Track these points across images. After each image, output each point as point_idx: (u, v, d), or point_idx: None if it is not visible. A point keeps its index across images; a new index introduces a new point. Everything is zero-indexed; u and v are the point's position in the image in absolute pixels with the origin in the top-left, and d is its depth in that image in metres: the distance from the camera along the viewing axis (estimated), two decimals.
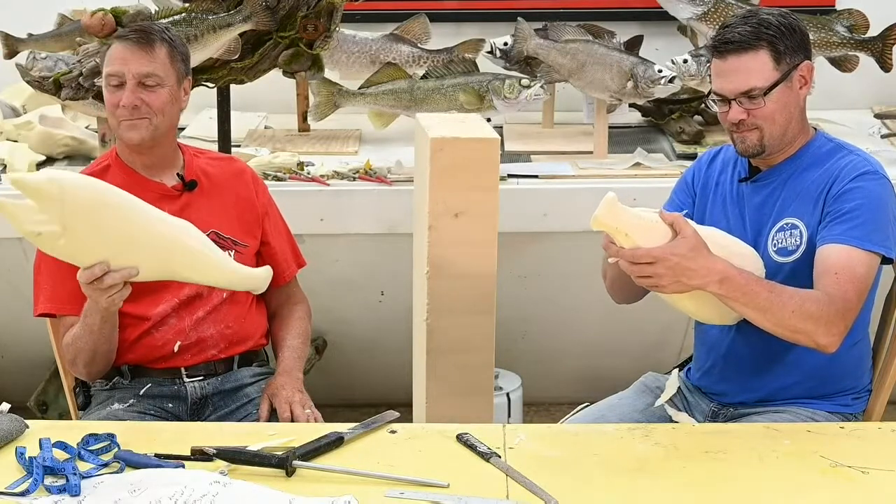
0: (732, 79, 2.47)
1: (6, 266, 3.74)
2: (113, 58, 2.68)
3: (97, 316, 2.53)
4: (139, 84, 2.65)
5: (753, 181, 2.58)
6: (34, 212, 2.27)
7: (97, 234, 2.33)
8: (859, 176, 2.45)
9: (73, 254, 2.36)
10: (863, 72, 4.05)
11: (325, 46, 3.82)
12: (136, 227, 2.36)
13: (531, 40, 3.99)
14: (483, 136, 2.68)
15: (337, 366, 4.07)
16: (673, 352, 3.67)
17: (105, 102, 2.72)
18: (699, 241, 2.29)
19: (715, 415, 2.63)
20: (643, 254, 2.27)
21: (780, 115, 2.48)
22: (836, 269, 2.39)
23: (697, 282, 2.29)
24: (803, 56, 2.50)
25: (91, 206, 2.31)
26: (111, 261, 2.35)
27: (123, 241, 2.36)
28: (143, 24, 2.78)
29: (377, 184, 3.70)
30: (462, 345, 2.72)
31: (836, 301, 2.36)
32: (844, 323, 2.37)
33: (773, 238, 2.52)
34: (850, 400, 2.58)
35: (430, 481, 2.05)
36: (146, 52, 2.66)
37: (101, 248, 2.35)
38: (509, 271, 3.21)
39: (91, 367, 2.66)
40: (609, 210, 2.28)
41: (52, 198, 2.27)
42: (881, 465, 2.12)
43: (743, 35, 2.45)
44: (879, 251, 2.42)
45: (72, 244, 2.31)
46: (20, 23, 4.23)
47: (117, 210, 2.35)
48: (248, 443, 2.18)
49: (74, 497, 2.01)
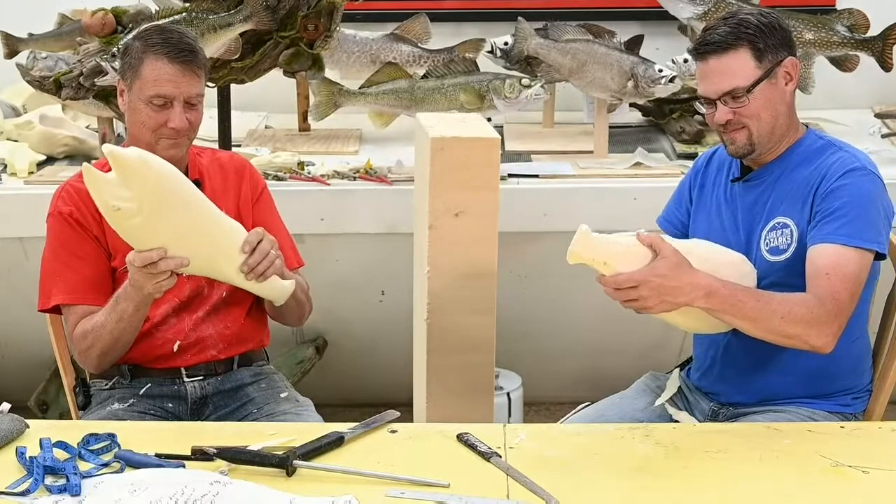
0: (715, 80, 2.48)
1: (6, 266, 3.74)
2: (162, 79, 2.61)
3: (131, 303, 2.54)
4: (185, 104, 2.63)
5: (745, 181, 2.59)
6: (116, 186, 2.33)
7: (167, 220, 2.38)
8: (847, 173, 2.45)
9: (139, 235, 2.39)
10: (863, 71, 4.05)
11: (325, 46, 3.83)
12: (199, 221, 2.43)
13: (531, 40, 3.99)
14: (483, 136, 2.68)
15: (337, 366, 4.07)
16: (673, 352, 3.68)
17: (142, 118, 2.63)
18: (680, 259, 2.29)
19: (715, 414, 2.63)
20: (625, 279, 2.27)
21: (765, 113, 2.48)
22: (826, 269, 2.38)
23: (683, 299, 2.29)
24: (787, 53, 2.49)
25: (170, 192, 2.37)
26: (168, 248, 2.39)
27: (186, 233, 2.42)
28: (180, 36, 2.69)
29: (377, 183, 3.70)
30: (462, 345, 2.72)
31: (826, 302, 2.35)
32: (838, 323, 2.37)
33: (765, 238, 2.52)
34: (850, 400, 2.58)
35: (431, 481, 2.05)
36: (194, 73, 2.64)
37: (165, 235, 2.39)
38: (509, 271, 3.21)
39: (104, 358, 2.65)
40: (584, 243, 2.27)
41: (138, 176, 2.32)
42: (881, 464, 2.12)
43: (722, 36, 2.46)
44: (870, 247, 2.41)
45: (144, 225, 2.35)
46: (20, 23, 4.23)
47: (189, 202, 2.42)
48: (248, 443, 2.18)
49: (75, 497, 2.01)
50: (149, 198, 2.33)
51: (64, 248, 2.67)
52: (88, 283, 2.66)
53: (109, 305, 2.59)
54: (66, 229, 2.67)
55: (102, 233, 2.67)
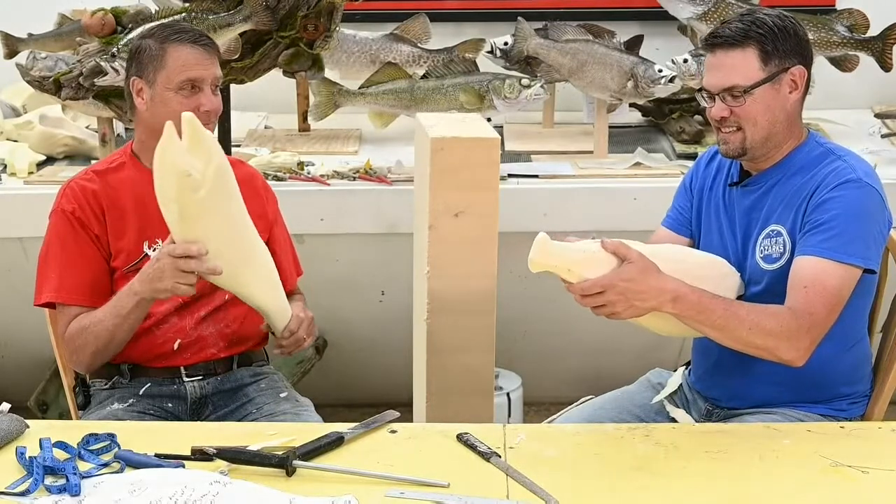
0: (718, 74, 2.46)
1: (6, 266, 3.74)
2: (189, 63, 2.63)
3: (133, 299, 2.54)
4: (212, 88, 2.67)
5: (743, 185, 2.57)
6: (187, 154, 2.32)
7: (217, 211, 2.38)
8: (841, 184, 2.41)
9: (198, 212, 2.37)
10: (863, 72, 4.05)
11: (325, 46, 3.83)
12: (242, 224, 2.45)
13: (531, 40, 3.99)
14: (483, 136, 2.68)
15: (337, 366, 4.07)
16: (672, 352, 3.68)
17: (173, 107, 2.61)
18: (647, 263, 2.28)
19: (709, 414, 2.63)
20: (591, 285, 2.26)
21: (762, 117, 2.44)
22: (805, 282, 2.36)
23: (651, 303, 2.28)
24: (797, 60, 2.46)
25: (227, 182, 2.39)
26: (209, 249, 2.39)
27: (226, 239, 2.42)
28: (191, 26, 2.76)
29: (377, 183, 3.70)
30: (462, 345, 2.72)
31: (800, 316, 2.33)
32: (810, 337, 2.34)
33: (760, 244, 2.50)
34: (846, 405, 2.55)
35: (431, 481, 2.05)
36: (214, 56, 2.68)
37: (212, 226, 2.39)
38: (509, 271, 3.20)
39: (96, 358, 2.65)
40: (541, 250, 2.26)
41: (208, 153, 2.33)
42: (881, 464, 2.12)
43: (733, 31, 2.44)
44: (856, 263, 2.38)
45: (203, 202, 2.34)
46: (20, 23, 4.23)
47: (238, 202, 2.43)
48: (248, 443, 2.18)
49: (74, 497, 2.01)
50: (210, 178, 2.33)
51: (63, 246, 2.67)
52: (84, 284, 2.65)
53: (110, 303, 2.60)
54: (68, 228, 2.68)
55: (104, 232, 2.67)
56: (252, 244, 2.50)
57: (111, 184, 2.71)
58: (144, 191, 2.58)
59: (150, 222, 2.61)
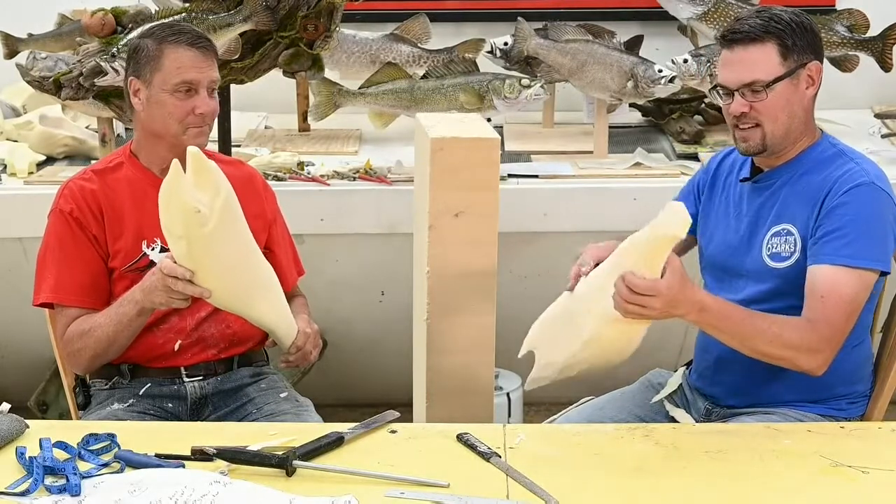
0: (737, 69, 2.46)
1: (6, 266, 3.74)
2: (185, 65, 2.63)
3: (135, 307, 2.54)
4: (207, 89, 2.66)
5: (754, 182, 2.57)
6: (193, 189, 2.31)
7: (224, 243, 2.37)
8: (852, 189, 2.41)
9: (206, 246, 2.36)
10: (863, 72, 4.05)
11: (325, 46, 3.82)
12: (248, 253, 2.44)
13: (531, 40, 3.99)
14: (483, 136, 2.68)
15: (337, 366, 4.07)
16: (673, 352, 3.67)
17: (168, 109, 2.63)
18: (684, 272, 2.27)
19: (708, 413, 2.63)
20: (648, 287, 2.20)
21: (782, 112, 2.46)
22: (822, 291, 2.37)
23: (681, 311, 2.27)
24: (813, 56, 2.48)
25: (234, 215, 2.36)
26: (211, 272, 2.38)
27: (234, 267, 2.41)
28: (190, 26, 2.75)
29: (377, 184, 3.70)
30: (462, 345, 2.72)
31: (819, 327, 2.34)
32: (830, 347, 2.36)
33: (767, 242, 2.51)
34: (845, 405, 2.55)
35: (431, 481, 2.05)
36: (212, 59, 2.67)
37: (218, 263, 2.38)
38: (509, 271, 3.22)
39: (95, 360, 2.65)
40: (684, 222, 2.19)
41: (214, 187, 2.31)
42: (881, 465, 2.12)
43: (752, 27, 2.44)
44: (872, 266, 2.39)
45: (215, 234, 2.33)
46: (20, 23, 4.24)
47: (244, 232, 2.41)
48: (248, 443, 2.18)
49: (75, 497, 2.01)
50: (218, 212, 2.32)
51: (61, 247, 2.67)
52: (81, 285, 2.65)
53: (112, 308, 2.60)
54: (66, 228, 2.67)
55: (102, 232, 2.67)
56: (258, 266, 2.49)
57: (110, 183, 2.71)
58: (143, 190, 2.58)
59: (149, 221, 2.61)
